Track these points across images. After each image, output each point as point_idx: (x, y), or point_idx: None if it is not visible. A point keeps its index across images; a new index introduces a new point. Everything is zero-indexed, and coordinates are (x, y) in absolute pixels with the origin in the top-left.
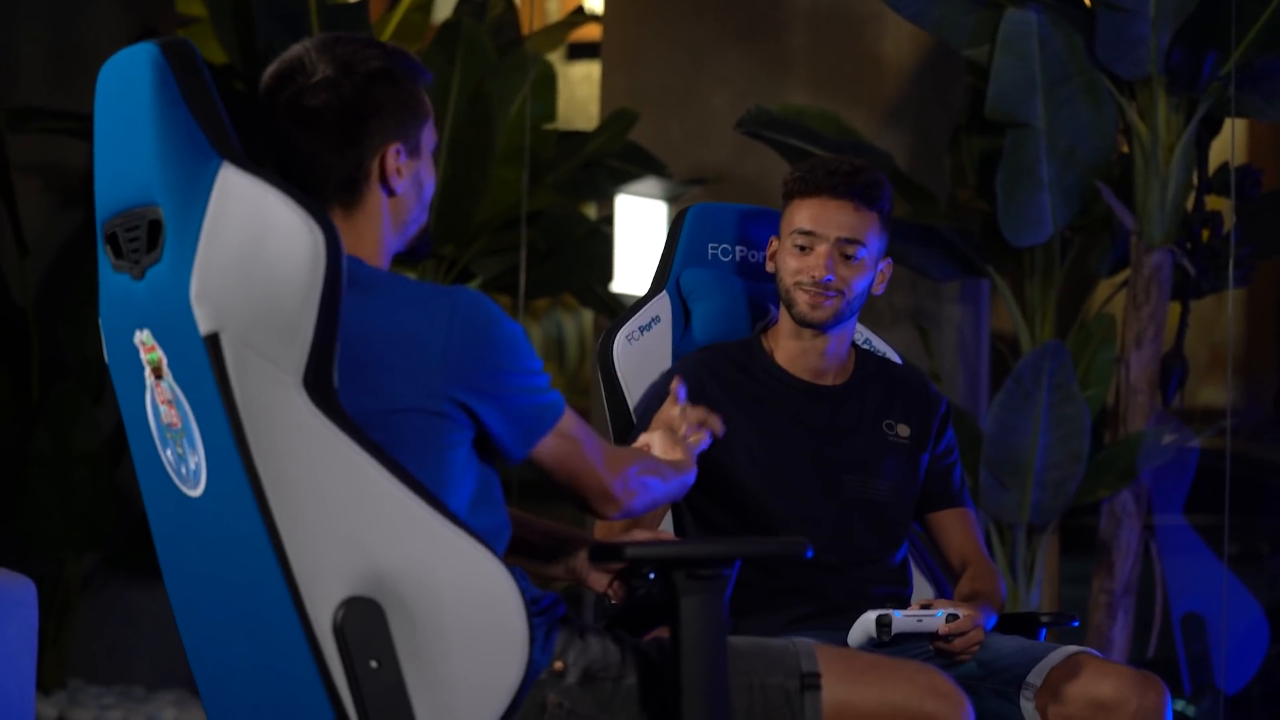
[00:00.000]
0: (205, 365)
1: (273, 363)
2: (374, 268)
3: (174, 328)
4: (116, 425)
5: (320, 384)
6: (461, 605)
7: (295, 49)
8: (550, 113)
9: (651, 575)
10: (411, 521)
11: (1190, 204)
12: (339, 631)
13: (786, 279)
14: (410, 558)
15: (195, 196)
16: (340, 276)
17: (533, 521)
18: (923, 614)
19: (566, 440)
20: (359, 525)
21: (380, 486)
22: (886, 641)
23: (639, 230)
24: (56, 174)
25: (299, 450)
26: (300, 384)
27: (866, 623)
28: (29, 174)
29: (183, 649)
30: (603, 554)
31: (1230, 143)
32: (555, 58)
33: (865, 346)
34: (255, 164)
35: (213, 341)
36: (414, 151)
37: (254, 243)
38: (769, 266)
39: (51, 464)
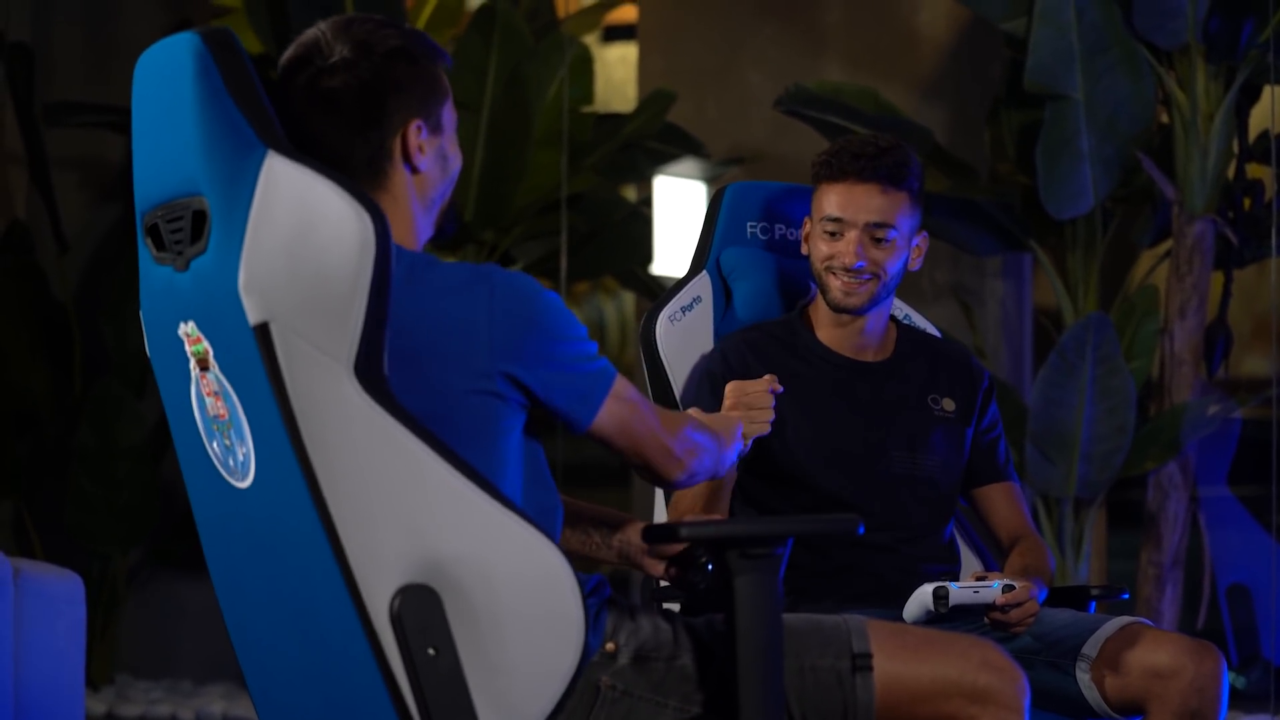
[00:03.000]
0: (254, 355)
1: (323, 351)
2: (411, 253)
3: (221, 318)
4: (159, 419)
5: (371, 371)
6: (517, 590)
7: (311, 31)
8: (587, 95)
9: (710, 567)
10: (466, 507)
11: (1231, 172)
12: (396, 620)
13: (818, 263)
14: (465, 543)
15: (241, 186)
16: (389, 262)
17: (582, 506)
18: (979, 585)
19: (624, 405)
20: (414, 512)
21: (434, 472)
22: (944, 613)
23: (678, 211)
24: (94, 168)
25: (351, 438)
26: (351, 371)
27: (923, 596)
28: (67, 169)
29: (230, 642)
30: (657, 535)
31: (1270, 110)
32: (591, 40)
33: (905, 321)
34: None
35: (262, 331)
36: (436, 129)
37: (302, 231)
38: (803, 249)
39: (95, 459)
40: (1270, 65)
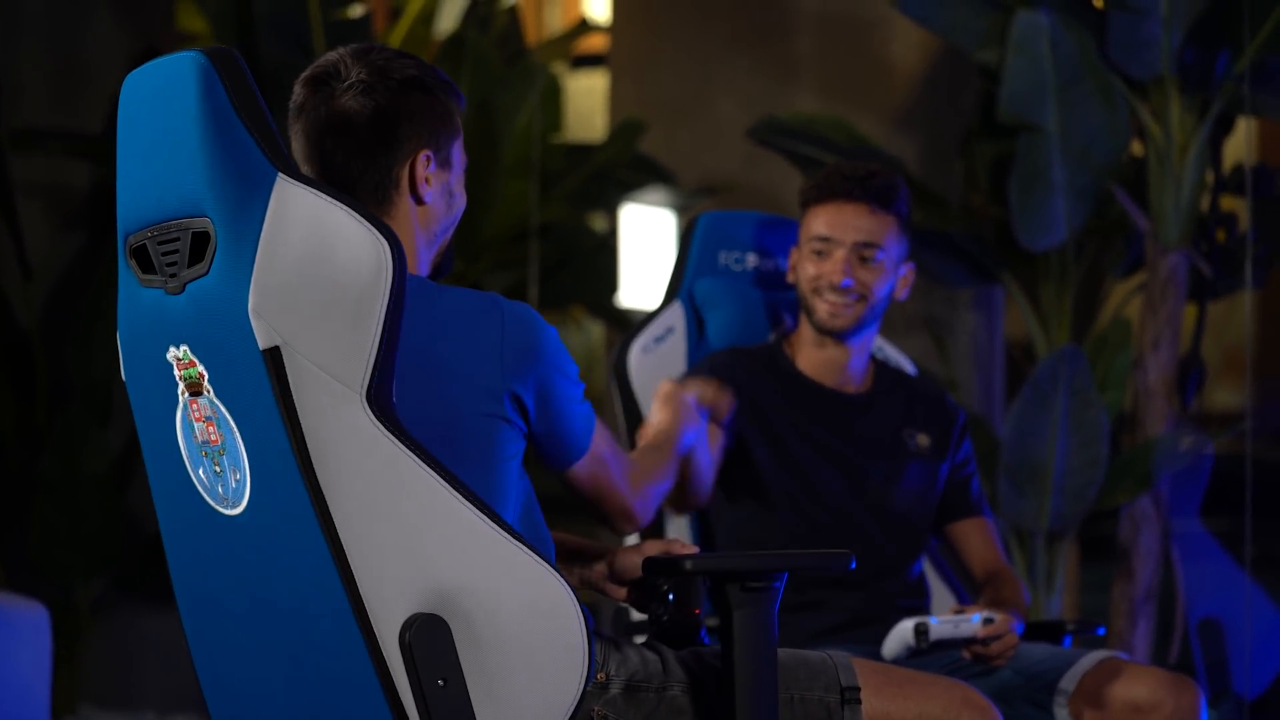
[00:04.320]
0: (261, 380)
1: (335, 376)
2: (417, 277)
3: (223, 342)
4: (124, 447)
5: (382, 398)
6: (525, 620)
7: (330, 55)
8: (555, 125)
9: (671, 597)
10: (475, 536)
11: (1205, 205)
12: (407, 650)
13: (805, 285)
14: (474, 573)
15: (250, 209)
16: (404, 288)
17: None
18: (959, 619)
19: (598, 457)
20: (424, 541)
21: (443, 501)
22: (925, 648)
23: (646, 241)
24: (60, 195)
25: (362, 465)
26: (364, 398)
27: (904, 631)
28: (32, 195)
29: (195, 673)
30: (660, 568)
31: (1245, 142)
32: (557, 69)
33: (879, 357)
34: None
35: (274, 356)
36: (445, 164)
37: (317, 255)
38: (790, 277)
39: (60, 488)
40: (1245, 97)
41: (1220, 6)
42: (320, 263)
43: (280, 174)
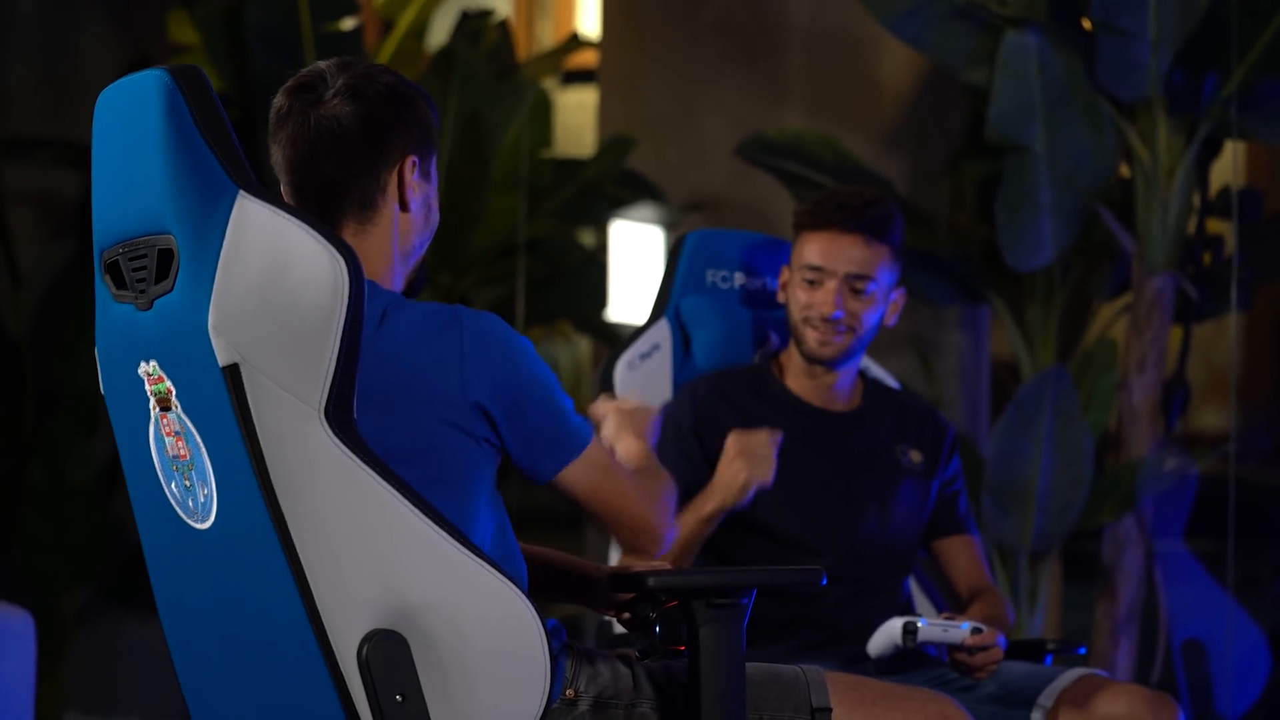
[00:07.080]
0: (222, 397)
1: (294, 394)
2: (385, 292)
3: (187, 359)
4: (110, 457)
5: (341, 415)
6: (485, 636)
7: (311, 68)
8: (545, 140)
9: (658, 629)
10: (434, 553)
11: (1192, 227)
12: (364, 665)
13: (796, 313)
14: (434, 589)
15: (211, 226)
16: (362, 306)
17: (534, 551)
18: (948, 624)
19: (599, 468)
20: (382, 557)
21: (403, 518)
22: (911, 647)
23: (635, 256)
24: (50, 204)
25: (321, 482)
26: (321, 415)
27: (892, 629)
28: (22, 204)
29: (178, 683)
30: (622, 584)
31: (1232, 165)
32: (548, 84)
33: (869, 376)
34: (267, 187)
35: (232, 373)
36: (426, 174)
37: (274, 273)
38: (780, 297)
39: (45, 497)
40: (1232, 120)
41: (1208, 30)
42: (277, 281)
43: (241, 191)
